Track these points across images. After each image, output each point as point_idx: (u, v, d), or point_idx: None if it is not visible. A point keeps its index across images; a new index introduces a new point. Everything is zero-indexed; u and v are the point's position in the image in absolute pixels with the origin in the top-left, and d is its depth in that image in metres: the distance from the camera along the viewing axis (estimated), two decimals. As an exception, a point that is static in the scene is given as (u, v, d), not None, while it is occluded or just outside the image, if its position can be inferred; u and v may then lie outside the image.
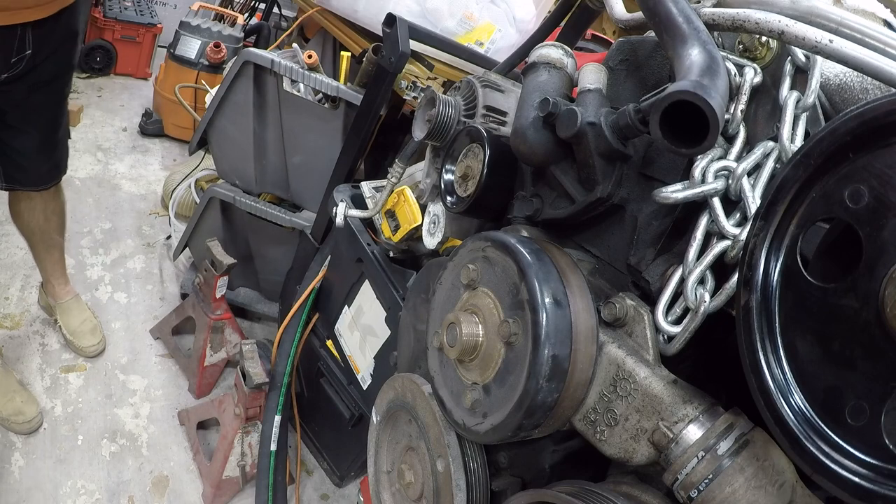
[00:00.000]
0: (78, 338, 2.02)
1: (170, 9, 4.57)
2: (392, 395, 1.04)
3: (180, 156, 3.39)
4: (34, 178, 1.73)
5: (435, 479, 0.92)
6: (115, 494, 1.69)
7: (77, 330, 2.02)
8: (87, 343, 2.02)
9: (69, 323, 2.03)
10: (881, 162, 0.54)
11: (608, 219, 0.90)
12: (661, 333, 0.76)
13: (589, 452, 0.80)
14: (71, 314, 2.03)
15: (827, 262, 0.64)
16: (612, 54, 0.95)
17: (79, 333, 2.02)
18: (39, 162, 1.70)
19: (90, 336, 2.04)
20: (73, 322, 2.03)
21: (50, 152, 1.71)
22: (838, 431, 0.55)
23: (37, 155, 1.67)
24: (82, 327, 2.03)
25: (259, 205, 2.00)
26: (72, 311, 2.04)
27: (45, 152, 1.69)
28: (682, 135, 0.64)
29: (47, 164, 1.73)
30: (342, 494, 1.93)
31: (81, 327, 2.03)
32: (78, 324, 2.03)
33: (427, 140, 1.17)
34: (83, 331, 2.03)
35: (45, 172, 1.75)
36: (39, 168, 1.72)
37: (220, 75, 3.21)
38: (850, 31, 0.70)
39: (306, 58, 1.82)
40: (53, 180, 1.78)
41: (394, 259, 1.55)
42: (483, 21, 2.16)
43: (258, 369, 1.61)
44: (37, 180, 1.74)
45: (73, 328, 2.02)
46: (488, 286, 0.83)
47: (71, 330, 2.02)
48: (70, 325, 2.03)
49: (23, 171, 1.69)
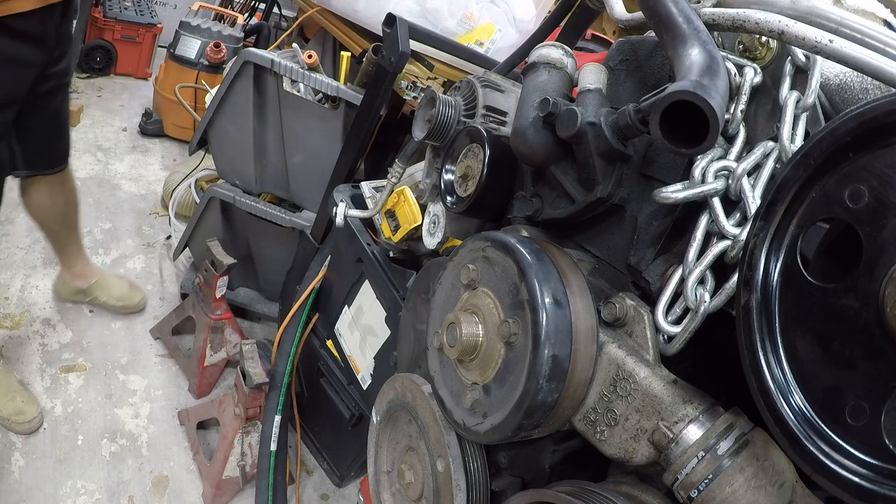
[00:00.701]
0: (126, 299, 2.20)
1: (170, 9, 4.57)
2: (392, 395, 1.04)
3: (180, 156, 3.38)
4: (52, 159, 1.80)
5: (435, 479, 0.92)
6: (115, 494, 1.69)
7: (122, 295, 2.20)
8: (136, 299, 2.22)
9: (113, 292, 2.18)
10: (881, 162, 0.54)
11: (608, 219, 0.90)
12: (661, 333, 0.76)
13: (589, 452, 0.80)
14: (110, 284, 2.19)
15: (827, 262, 0.64)
16: (612, 54, 0.95)
17: (125, 296, 2.20)
18: (55, 140, 1.77)
19: (135, 293, 2.23)
20: (115, 290, 2.19)
21: (62, 130, 1.79)
22: (838, 431, 0.55)
23: (53, 132, 1.74)
24: (123, 290, 2.21)
25: (259, 205, 2.00)
26: (109, 281, 2.19)
27: (59, 129, 1.77)
28: (682, 135, 0.64)
29: (62, 142, 1.81)
30: (342, 494, 1.93)
31: (122, 290, 2.21)
32: (119, 289, 2.20)
33: (427, 140, 1.17)
34: (126, 292, 2.21)
35: (62, 151, 1.82)
36: (57, 146, 1.79)
37: (220, 75, 3.21)
38: (850, 31, 0.70)
39: (306, 58, 1.82)
40: (67, 159, 1.86)
41: (394, 259, 1.55)
42: (483, 21, 2.16)
43: (258, 369, 1.61)
44: (55, 160, 1.81)
45: (119, 294, 2.19)
46: (488, 286, 0.83)
47: (117, 296, 2.18)
48: (115, 294, 2.18)
49: (41, 153, 1.74)
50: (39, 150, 1.74)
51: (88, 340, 2.10)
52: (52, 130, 1.74)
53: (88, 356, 2.05)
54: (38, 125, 1.66)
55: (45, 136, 1.72)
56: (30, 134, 1.66)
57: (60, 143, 1.80)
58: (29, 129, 1.64)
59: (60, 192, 1.89)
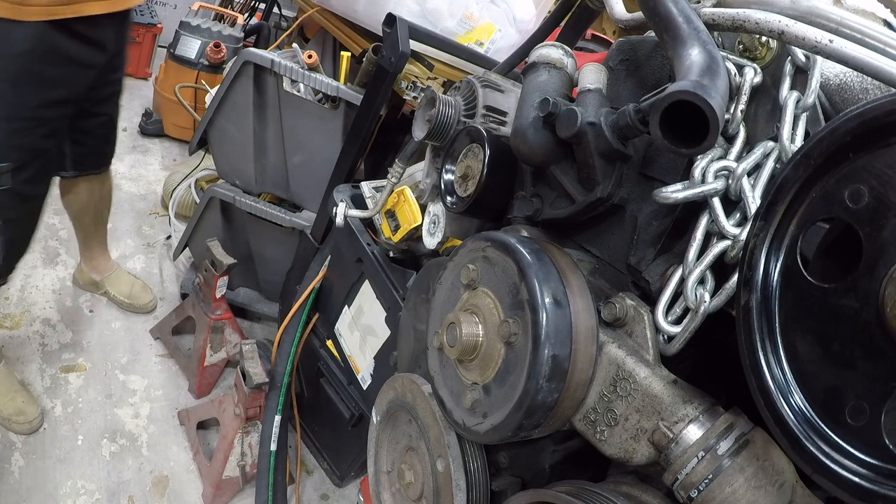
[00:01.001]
0: (135, 298, 2.24)
1: (170, 9, 4.56)
2: (392, 395, 1.04)
3: (180, 156, 3.38)
4: (102, 160, 1.90)
5: (435, 479, 0.92)
6: (115, 494, 1.69)
7: (131, 293, 2.24)
8: (145, 300, 2.25)
9: (122, 289, 2.24)
10: (881, 162, 0.54)
11: (608, 219, 0.90)
12: (661, 333, 0.76)
13: (589, 452, 0.80)
14: (121, 281, 2.25)
15: (827, 262, 0.64)
16: (612, 54, 0.95)
17: (134, 295, 2.24)
18: (108, 143, 1.87)
19: (145, 294, 2.27)
20: (124, 288, 2.24)
21: (113, 134, 1.88)
22: (838, 431, 0.55)
23: (105, 136, 1.84)
24: (135, 289, 2.26)
25: (259, 205, 2.00)
26: (121, 278, 2.26)
27: (110, 133, 1.87)
28: (682, 135, 0.64)
29: (110, 146, 1.91)
30: (342, 494, 1.93)
31: (134, 289, 2.25)
32: (130, 287, 2.25)
33: (427, 140, 1.17)
34: (136, 292, 2.25)
35: (109, 153, 1.92)
36: (105, 149, 1.89)
37: (220, 75, 3.20)
38: (850, 31, 0.70)
39: (306, 58, 1.82)
40: (110, 161, 1.96)
41: (394, 259, 1.55)
42: (483, 21, 2.16)
43: (258, 369, 1.61)
44: (103, 161, 1.91)
45: (128, 292, 2.24)
46: (488, 286, 0.83)
47: (126, 294, 2.24)
48: (124, 291, 2.24)
49: (93, 155, 1.84)
50: (89, 154, 1.83)
51: (88, 340, 2.10)
52: (104, 135, 1.83)
53: (88, 356, 2.05)
54: (92, 129, 1.75)
55: (97, 140, 1.82)
56: (84, 137, 1.75)
57: (108, 146, 1.90)
58: (84, 132, 1.73)
59: (98, 190, 1.98)
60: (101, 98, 1.69)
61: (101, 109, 1.73)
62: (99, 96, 1.67)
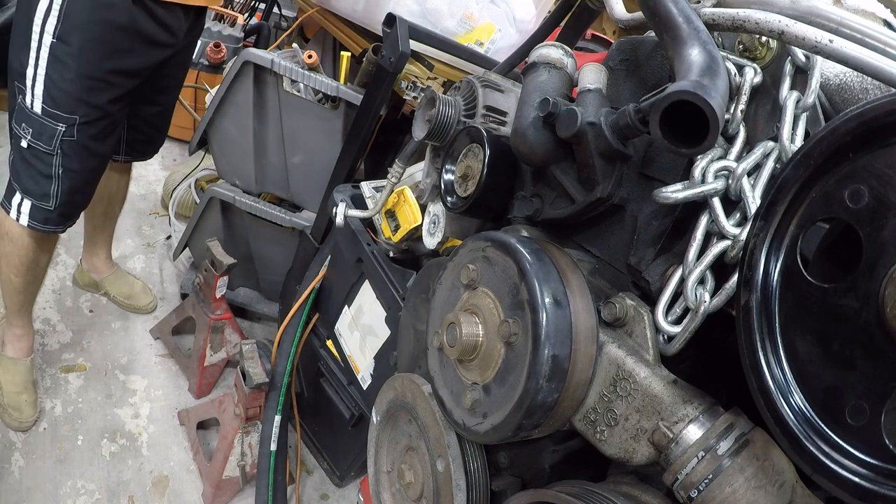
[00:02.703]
0: (135, 299, 2.25)
1: (170, 9, 4.56)
2: (392, 395, 1.04)
3: (180, 156, 3.38)
4: (150, 148, 1.96)
5: (435, 479, 0.92)
6: (115, 494, 1.69)
7: (132, 293, 2.25)
8: (144, 301, 2.26)
9: (122, 290, 2.25)
10: (881, 162, 0.54)
11: (608, 219, 0.90)
12: (661, 333, 0.76)
13: (589, 452, 0.80)
14: (122, 281, 2.26)
15: (827, 262, 0.64)
16: (612, 54, 0.95)
17: (134, 296, 2.25)
18: (156, 133, 1.92)
19: (145, 295, 2.28)
20: (125, 288, 2.25)
21: (166, 125, 1.94)
22: (838, 431, 0.55)
23: (158, 125, 1.89)
24: (135, 290, 2.27)
25: (259, 205, 2.00)
26: (121, 279, 2.26)
27: (165, 124, 1.92)
28: (682, 135, 0.64)
29: (161, 136, 1.96)
30: (342, 494, 1.93)
31: (134, 290, 2.27)
32: (130, 288, 2.26)
33: (427, 140, 1.17)
34: (137, 292, 2.26)
35: (159, 143, 1.98)
36: (156, 139, 1.94)
37: (220, 75, 3.20)
38: (850, 31, 0.70)
39: (306, 58, 1.82)
40: (157, 151, 2.01)
41: (394, 259, 1.55)
42: (483, 21, 2.16)
43: (258, 369, 1.61)
44: (151, 150, 1.97)
45: (128, 293, 2.25)
46: (488, 286, 0.83)
47: (126, 295, 2.25)
48: (124, 292, 2.25)
49: (142, 143, 1.90)
50: (142, 141, 1.89)
51: (88, 340, 2.10)
52: (158, 124, 1.89)
53: (88, 356, 2.05)
54: (148, 117, 1.81)
55: (151, 129, 1.87)
56: (140, 123, 1.81)
57: (160, 136, 1.95)
58: (140, 119, 1.80)
59: (116, 180, 2.02)
60: (162, 88, 1.76)
61: (160, 99, 1.80)
62: (160, 86, 1.74)
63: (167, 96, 1.83)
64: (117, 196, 2.08)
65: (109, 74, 1.48)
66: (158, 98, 1.79)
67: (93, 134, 1.52)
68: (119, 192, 2.08)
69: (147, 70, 1.58)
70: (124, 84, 1.53)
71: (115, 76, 1.49)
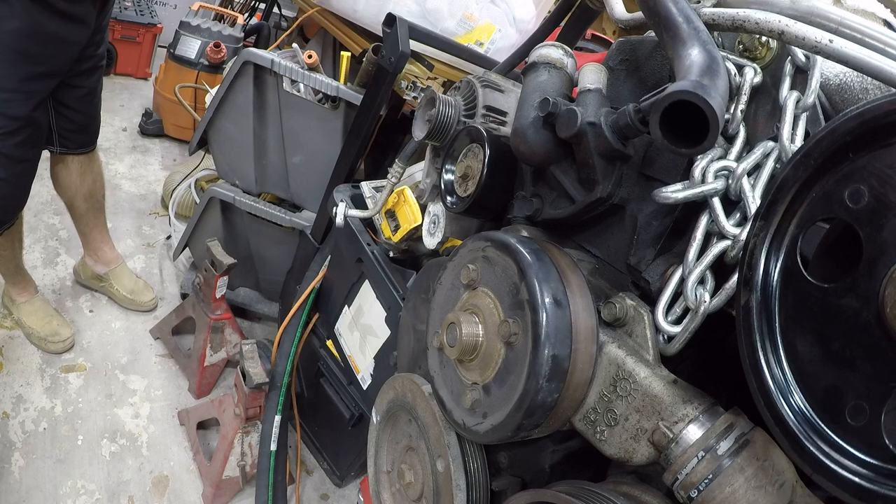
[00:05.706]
0: (137, 295, 2.27)
1: (170, 9, 4.56)
2: (392, 395, 1.04)
3: (180, 156, 3.38)
4: (85, 139, 1.92)
5: (435, 479, 0.92)
6: (115, 494, 1.69)
7: (134, 289, 2.27)
8: (146, 298, 2.28)
9: (125, 284, 2.27)
10: (881, 162, 0.54)
11: (608, 219, 0.90)
12: (661, 333, 0.76)
13: (589, 452, 0.80)
14: (125, 276, 2.28)
15: (827, 262, 0.64)
16: (612, 54, 0.95)
17: (137, 291, 2.27)
18: (88, 119, 1.89)
19: (147, 292, 2.30)
20: (128, 283, 2.27)
21: (95, 110, 1.90)
22: (838, 431, 0.55)
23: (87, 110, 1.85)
24: (137, 286, 2.29)
25: (259, 205, 2.00)
26: (125, 273, 2.29)
27: (93, 108, 1.88)
28: (682, 135, 0.64)
29: (94, 123, 1.93)
30: (342, 494, 1.93)
31: (137, 286, 2.29)
32: (133, 284, 2.28)
33: (427, 140, 1.17)
34: (139, 288, 2.29)
35: (94, 131, 1.95)
36: (90, 126, 1.91)
37: (220, 75, 3.20)
38: (850, 31, 0.70)
39: (306, 58, 1.82)
40: (95, 140, 1.98)
41: (394, 259, 1.55)
42: (483, 21, 2.16)
43: (258, 369, 1.61)
44: (87, 140, 1.93)
45: (131, 288, 2.27)
46: (488, 286, 0.83)
47: (129, 289, 2.26)
48: (127, 286, 2.27)
49: (75, 132, 1.86)
50: (74, 129, 1.86)
51: (88, 340, 2.10)
52: (87, 108, 1.85)
53: (88, 356, 2.05)
54: (74, 101, 1.79)
55: (80, 114, 1.84)
56: (67, 110, 1.79)
57: (93, 123, 1.92)
58: (67, 106, 1.77)
59: (89, 172, 2.01)
60: (81, 71, 1.73)
61: (81, 82, 1.76)
62: (79, 70, 1.71)
63: (89, 78, 1.79)
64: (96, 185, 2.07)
65: (25, 83, 1.47)
66: (78, 81, 1.75)
67: (17, 142, 1.53)
68: (96, 180, 2.06)
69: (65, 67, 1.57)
70: (43, 88, 1.53)
71: (32, 83, 1.49)
